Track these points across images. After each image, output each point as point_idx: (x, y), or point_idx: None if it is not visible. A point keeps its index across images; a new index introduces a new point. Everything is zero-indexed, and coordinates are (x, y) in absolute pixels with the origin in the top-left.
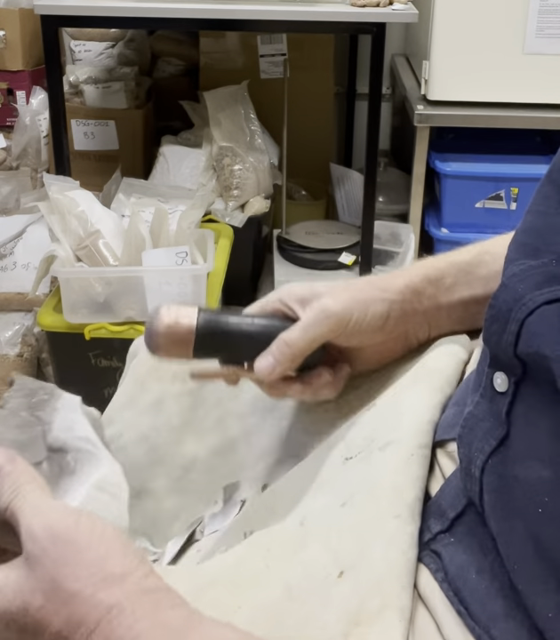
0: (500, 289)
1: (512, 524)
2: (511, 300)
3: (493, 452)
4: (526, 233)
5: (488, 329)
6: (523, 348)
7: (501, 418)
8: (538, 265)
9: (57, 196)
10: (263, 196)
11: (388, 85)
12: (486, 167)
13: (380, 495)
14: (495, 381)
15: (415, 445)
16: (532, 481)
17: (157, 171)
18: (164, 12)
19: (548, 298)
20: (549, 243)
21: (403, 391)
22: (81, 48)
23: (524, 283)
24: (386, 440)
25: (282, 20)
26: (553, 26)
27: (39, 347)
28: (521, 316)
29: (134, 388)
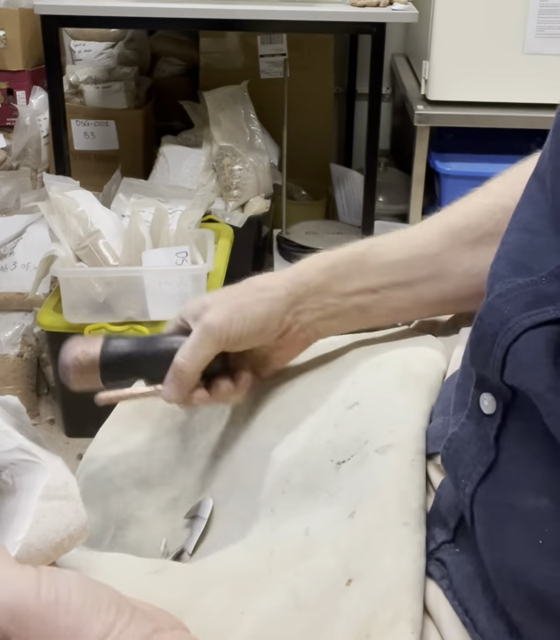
0: (485, 309)
1: (507, 557)
2: (497, 323)
3: (482, 480)
4: (514, 249)
5: (473, 351)
6: (508, 378)
7: (489, 442)
8: (526, 284)
9: (57, 196)
10: (263, 195)
11: (388, 85)
12: (486, 167)
13: (387, 502)
14: (482, 403)
15: (415, 450)
16: (529, 510)
17: (157, 171)
18: (164, 12)
19: (535, 321)
20: (540, 261)
21: (391, 393)
22: (81, 48)
23: (511, 304)
24: (383, 443)
25: (282, 20)
26: (553, 26)
27: (39, 347)
28: (506, 342)
29: (120, 428)
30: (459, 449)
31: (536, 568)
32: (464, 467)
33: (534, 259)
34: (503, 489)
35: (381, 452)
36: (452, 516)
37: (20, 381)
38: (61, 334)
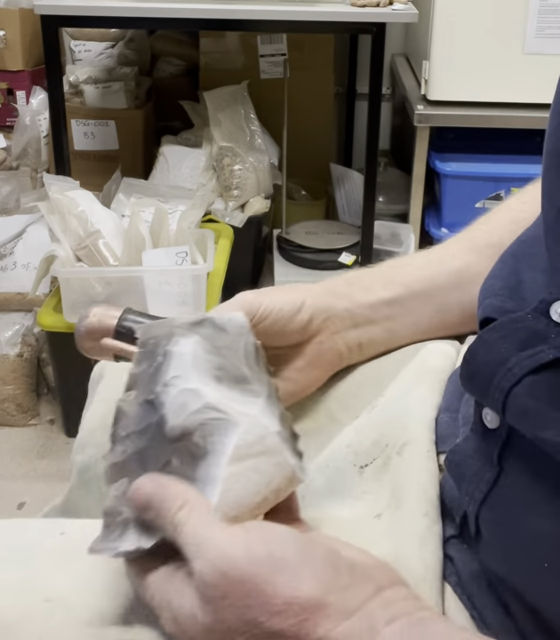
0: (478, 343)
1: (512, 575)
2: (493, 362)
3: (485, 500)
4: (508, 270)
5: (466, 385)
6: (512, 421)
7: (492, 459)
8: (516, 319)
9: (57, 196)
10: (263, 195)
11: (388, 85)
12: (486, 167)
13: (407, 493)
14: (485, 417)
15: (429, 441)
16: (533, 533)
17: (157, 171)
18: (164, 11)
19: (536, 362)
20: (527, 290)
21: (407, 390)
22: (81, 48)
23: (506, 341)
24: (401, 442)
25: (282, 20)
26: (553, 26)
27: (39, 347)
28: (507, 384)
29: (106, 411)
30: (462, 463)
31: (543, 591)
32: (467, 483)
33: (525, 290)
34: (506, 509)
35: (400, 453)
36: (456, 511)
37: (20, 381)
38: (61, 334)
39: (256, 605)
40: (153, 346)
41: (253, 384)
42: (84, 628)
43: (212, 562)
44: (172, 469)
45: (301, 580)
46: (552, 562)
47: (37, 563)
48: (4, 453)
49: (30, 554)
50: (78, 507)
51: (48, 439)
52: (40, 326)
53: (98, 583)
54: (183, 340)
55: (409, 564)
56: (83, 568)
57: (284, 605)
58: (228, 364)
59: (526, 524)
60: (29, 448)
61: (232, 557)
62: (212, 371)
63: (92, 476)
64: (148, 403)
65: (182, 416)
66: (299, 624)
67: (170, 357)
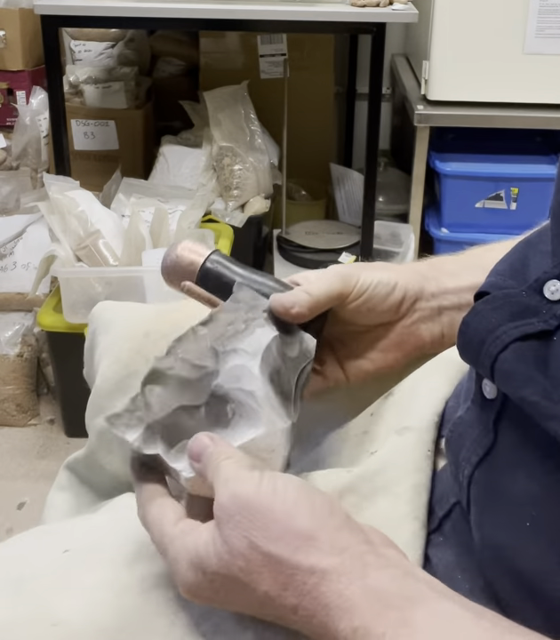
0: (471, 315)
1: (497, 538)
2: (484, 331)
3: (480, 462)
4: (517, 254)
5: (462, 354)
6: (499, 385)
7: (489, 426)
8: (510, 294)
9: (57, 196)
10: (263, 195)
11: (388, 85)
12: (486, 167)
13: (401, 493)
14: (484, 388)
15: (431, 440)
16: (520, 493)
17: (157, 171)
18: (164, 11)
19: (523, 332)
20: (527, 269)
21: (420, 379)
22: (81, 48)
23: (498, 312)
24: (402, 425)
25: (282, 20)
26: (553, 26)
27: (39, 347)
28: (494, 350)
29: (119, 373)
30: (462, 433)
31: (523, 549)
32: (465, 450)
33: (528, 270)
34: (498, 472)
35: (400, 433)
36: (441, 506)
37: (20, 381)
38: (61, 334)
39: (257, 528)
40: (242, 309)
41: (291, 405)
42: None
43: (227, 485)
44: (196, 415)
45: (297, 514)
46: (534, 521)
47: (41, 588)
48: (3, 453)
49: (35, 581)
50: (101, 463)
51: (48, 439)
52: (40, 326)
53: (102, 601)
54: (267, 327)
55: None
56: (87, 588)
57: (280, 532)
58: (284, 373)
59: (515, 485)
60: (29, 448)
61: (245, 484)
62: (272, 370)
63: (113, 437)
64: (213, 350)
65: (231, 384)
66: (292, 551)
67: (250, 333)
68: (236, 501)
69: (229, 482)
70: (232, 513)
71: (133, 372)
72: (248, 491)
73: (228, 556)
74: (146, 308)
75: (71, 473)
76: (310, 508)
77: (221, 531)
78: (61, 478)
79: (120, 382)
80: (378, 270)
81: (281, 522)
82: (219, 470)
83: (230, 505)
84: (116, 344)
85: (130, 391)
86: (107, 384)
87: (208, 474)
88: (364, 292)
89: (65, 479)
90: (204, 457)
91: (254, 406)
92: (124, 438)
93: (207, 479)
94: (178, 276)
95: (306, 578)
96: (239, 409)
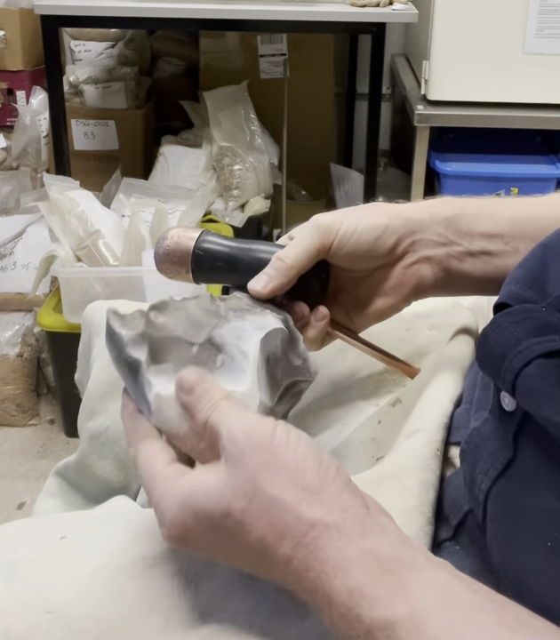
0: (492, 326)
1: (516, 555)
2: (505, 344)
3: (499, 477)
4: (537, 262)
5: (481, 366)
6: (521, 401)
7: (508, 439)
8: (532, 309)
9: (57, 196)
10: (263, 195)
11: (388, 85)
12: (486, 167)
13: (408, 488)
14: (503, 400)
15: (441, 440)
16: (541, 511)
17: (157, 171)
18: (164, 11)
19: (547, 348)
20: (549, 285)
21: (428, 381)
22: (81, 48)
23: (520, 326)
24: (412, 429)
25: (282, 20)
26: (553, 26)
27: (39, 347)
28: (517, 365)
29: (111, 376)
30: (479, 444)
31: (543, 570)
32: (483, 462)
33: (547, 281)
34: (518, 487)
35: (409, 436)
36: (455, 513)
37: (20, 381)
38: (61, 334)
39: (267, 471)
40: (247, 304)
41: (275, 396)
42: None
43: (241, 424)
44: (187, 350)
45: (306, 468)
46: (555, 541)
47: (37, 573)
48: (3, 453)
49: (30, 565)
50: (93, 469)
51: (48, 439)
52: (40, 326)
53: (98, 589)
54: (280, 322)
55: None
56: (82, 575)
57: (288, 481)
58: (280, 367)
59: (535, 502)
60: (29, 448)
61: (261, 427)
62: (271, 355)
63: (105, 441)
64: (226, 310)
65: (230, 338)
66: (297, 501)
67: (263, 315)
68: (250, 440)
69: (244, 421)
70: (245, 451)
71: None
72: (264, 433)
73: (231, 494)
74: (137, 308)
75: (61, 479)
76: (318, 465)
77: (230, 467)
78: (50, 485)
79: (112, 385)
80: (365, 215)
81: (290, 472)
82: (219, 408)
83: (245, 443)
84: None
85: (120, 395)
86: (99, 387)
87: (198, 408)
88: (348, 240)
89: (54, 485)
90: (196, 391)
91: (244, 365)
92: (116, 331)
93: (195, 414)
94: (173, 266)
95: (306, 529)
96: (229, 363)
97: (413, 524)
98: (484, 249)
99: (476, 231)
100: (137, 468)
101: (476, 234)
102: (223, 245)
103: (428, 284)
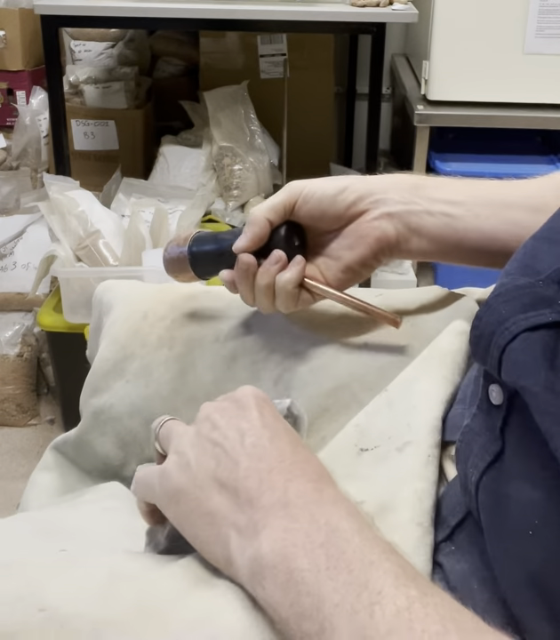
0: (484, 308)
1: (505, 545)
2: (494, 323)
3: (487, 469)
4: (528, 252)
5: (474, 349)
6: (505, 376)
7: (496, 433)
8: (525, 285)
9: (57, 196)
10: (263, 195)
11: (388, 85)
12: (486, 167)
13: (402, 500)
14: (490, 394)
15: (431, 445)
16: (524, 501)
17: (157, 171)
18: (164, 11)
19: (533, 323)
20: (544, 265)
21: (415, 378)
22: (81, 48)
23: (509, 304)
24: (403, 440)
25: (282, 20)
26: (553, 26)
27: (39, 347)
28: (503, 341)
29: (116, 354)
30: (470, 441)
31: (529, 558)
32: (473, 457)
33: (540, 263)
34: (505, 479)
35: (400, 450)
36: (454, 515)
37: (19, 381)
38: (61, 334)
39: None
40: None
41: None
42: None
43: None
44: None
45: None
46: (536, 530)
47: (32, 572)
48: (3, 453)
49: (25, 565)
50: (93, 445)
51: (48, 439)
52: (40, 326)
53: (92, 588)
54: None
55: None
56: (77, 577)
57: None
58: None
59: (518, 494)
60: (29, 448)
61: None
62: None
63: (107, 419)
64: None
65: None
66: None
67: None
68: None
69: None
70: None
71: (130, 355)
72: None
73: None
74: (146, 288)
75: (58, 453)
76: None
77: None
78: (47, 458)
79: (117, 364)
80: (330, 179)
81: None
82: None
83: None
84: (114, 324)
85: (125, 374)
86: (104, 364)
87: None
88: (311, 197)
89: (51, 459)
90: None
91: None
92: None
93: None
94: (178, 271)
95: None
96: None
97: (412, 537)
98: (443, 211)
99: (437, 197)
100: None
101: (437, 199)
102: (211, 242)
103: (390, 238)
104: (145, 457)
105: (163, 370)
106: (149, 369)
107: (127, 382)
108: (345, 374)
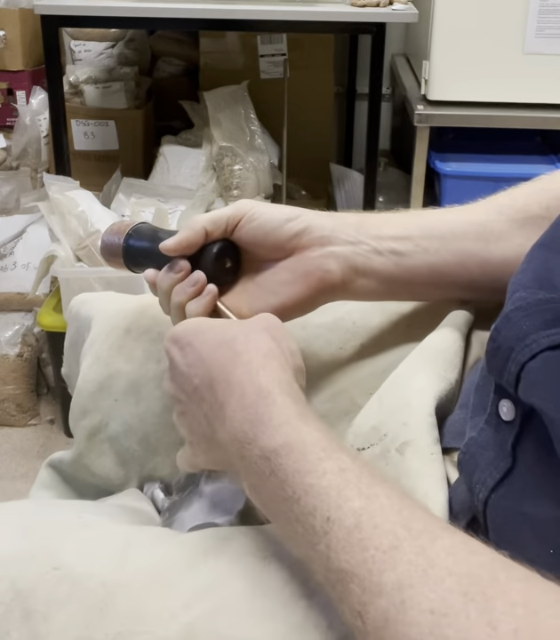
0: (503, 321)
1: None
2: (513, 338)
3: (497, 486)
4: (540, 264)
5: (489, 361)
6: (523, 395)
7: (507, 449)
8: (546, 300)
9: (57, 196)
10: (263, 195)
11: (387, 85)
12: (486, 167)
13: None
14: (501, 409)
15: (432, 442)
16: (544, 520)
17: (157, 171)
18: (164, 11)
19: (555, 341)
20: (557, 277)
21: (407, 375)
22: (81, 48)
23: (530, 319)
24: (401, 440)
25: (282, 20)
26: (553, 26)
27: (39, 347)
28: (522, 358)
29: (100, 374)
30: (475, 454)
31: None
32: (480, 472)
33: (558, 278)
34: (517, 497)
35: (400, 451)
36: (463, 514)
37: (20, 381)
38: (61, 334)
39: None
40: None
41: None
42: (85, 600)
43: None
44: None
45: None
46: (558, 548)
47: (46, 532)
48: (3, 453)
49: (40, 522)
50: (91, 469)
51: (48, 439)
52: (40, 326)
53: (105, 552)
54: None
55: None
56: (92, 539)
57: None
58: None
59: (536, 511)
60: (29, 448)
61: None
62: None
63: (105, 438)
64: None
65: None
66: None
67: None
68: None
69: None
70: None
71: (115, 373)
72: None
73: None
74: (126, 301)
75: (54, 472)
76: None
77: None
78: (44, 476)
79: (102, 383)
80: (280, 206)
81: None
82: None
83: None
84: (96, 342)
85: (112, 392)
86: (89, 385)
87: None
88: (257, 218)
89: (48, 478)
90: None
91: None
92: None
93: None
94: (110, 258)
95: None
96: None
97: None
98: (392, 249)
99: (384, 234)
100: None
101: (385, 236)
102: (148, 239)
103: (335, 280)
104: (145, 474)
105: (152, 386)
106: (138, 386)
107: (116, 401)
108: (343, 379)
